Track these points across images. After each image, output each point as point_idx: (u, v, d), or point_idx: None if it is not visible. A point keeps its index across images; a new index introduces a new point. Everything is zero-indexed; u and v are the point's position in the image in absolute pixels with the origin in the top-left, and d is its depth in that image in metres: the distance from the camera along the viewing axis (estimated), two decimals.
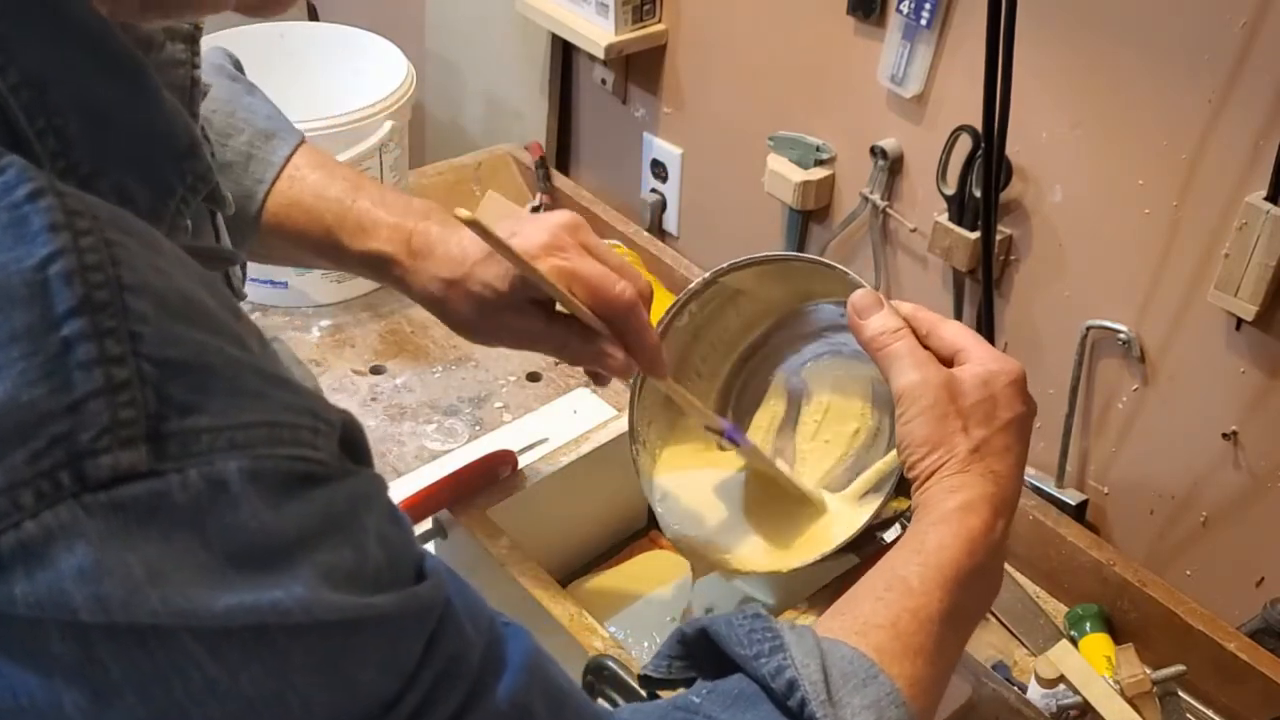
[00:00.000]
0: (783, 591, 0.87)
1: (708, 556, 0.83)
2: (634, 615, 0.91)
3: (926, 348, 0.73)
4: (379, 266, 0.80)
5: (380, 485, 0.49)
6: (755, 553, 0.83)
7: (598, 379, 0.83)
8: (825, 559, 0.78)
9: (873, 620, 0.63)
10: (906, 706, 0.59)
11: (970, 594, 0.66)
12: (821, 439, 0.88)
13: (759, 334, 0.90)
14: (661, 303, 1.34)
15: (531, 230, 0.75)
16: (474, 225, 0.67)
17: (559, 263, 0.74)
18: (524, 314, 0.76)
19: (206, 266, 0.46)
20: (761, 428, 0.89)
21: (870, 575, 0.66)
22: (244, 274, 0.89)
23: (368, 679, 0.43)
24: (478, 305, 0.77)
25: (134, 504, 0.38)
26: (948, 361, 0.73)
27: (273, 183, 0.81)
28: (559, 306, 0.75)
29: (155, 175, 0.49)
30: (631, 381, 0.85)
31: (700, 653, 0.62)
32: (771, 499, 0.85)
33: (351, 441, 0.48)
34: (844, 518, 0.82)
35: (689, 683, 0.62)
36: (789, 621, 0.61)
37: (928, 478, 0.69)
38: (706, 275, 0.86)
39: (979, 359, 0.72)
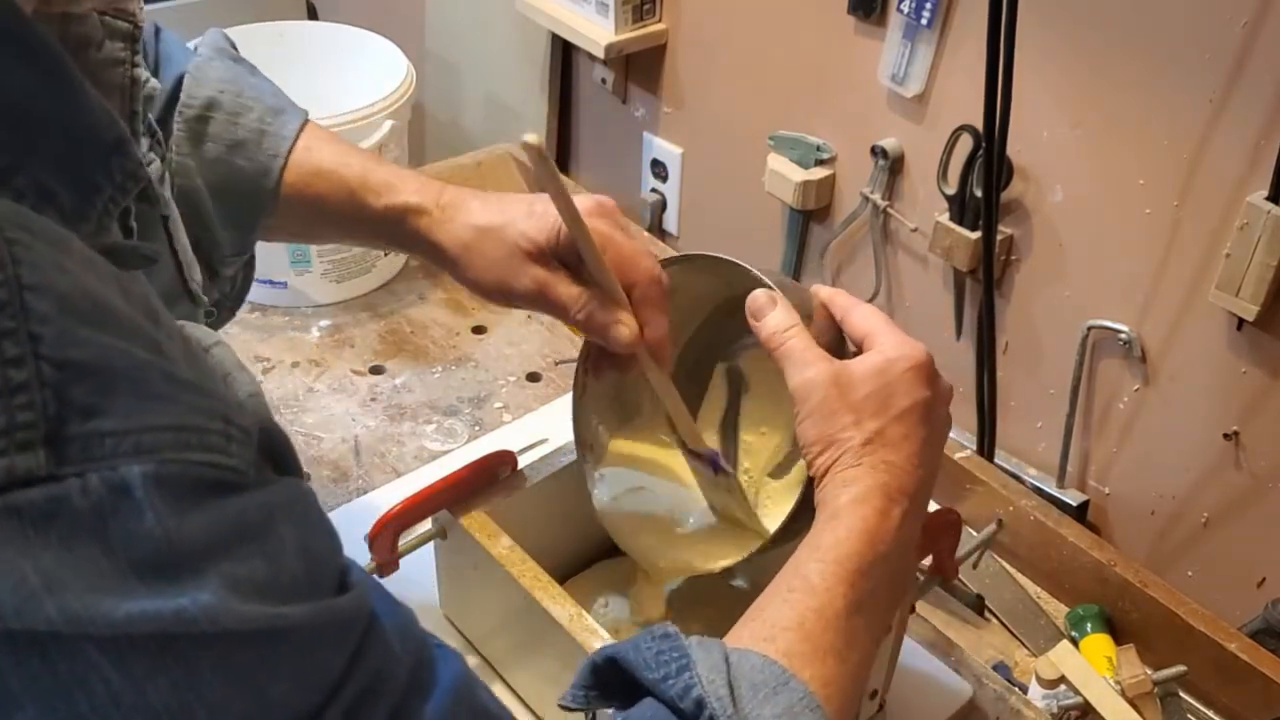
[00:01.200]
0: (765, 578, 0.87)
1: (643, 562, 0.85)
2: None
3: (843, 334, 0.74)
4: (402, 220, 0.81)
5: (303, 495, 0.48)
6: (688, 553, 0.84)
7: (597, 368, 0.82)
8: (757, 553, 0.79)
9: (779, 623, 0.63)
10: (821, 709, 0.59)
11: (876, 584, 0.66)
12: (760, 429, 0.88)
13: (695, 329, 0.89)
14: None
15: (578, 197, 0.76)
16: (535, 150, 0.67)
17: (599, 225, 0.75)
18: (552, 270, 0.77)
19: (124, 266, 0.45)
20: (711, 424, 0.89)
21: (779, 576, 0.66)
22: (243, 282, 0.90)
23: (282, 692, 0.43)
24: (510, 255, 0.77)
25: (30, 509, 0.37)
26: (860, 347, 0.73)
27: (287, 156, 0.82)
28: (587, 270, 0.76)
29: (79, 173, 0.47)
30: (574, 385, 0.85)
31: (613, 681, 0.61)
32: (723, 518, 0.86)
33: (274, 449, 0.47)
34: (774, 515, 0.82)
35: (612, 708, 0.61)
36: (698, 636, 0.61)
37: (824, 474, 0.69)
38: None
39: (880, 346, 0.72)
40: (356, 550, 0.85)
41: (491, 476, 0.86)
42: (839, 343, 0.76)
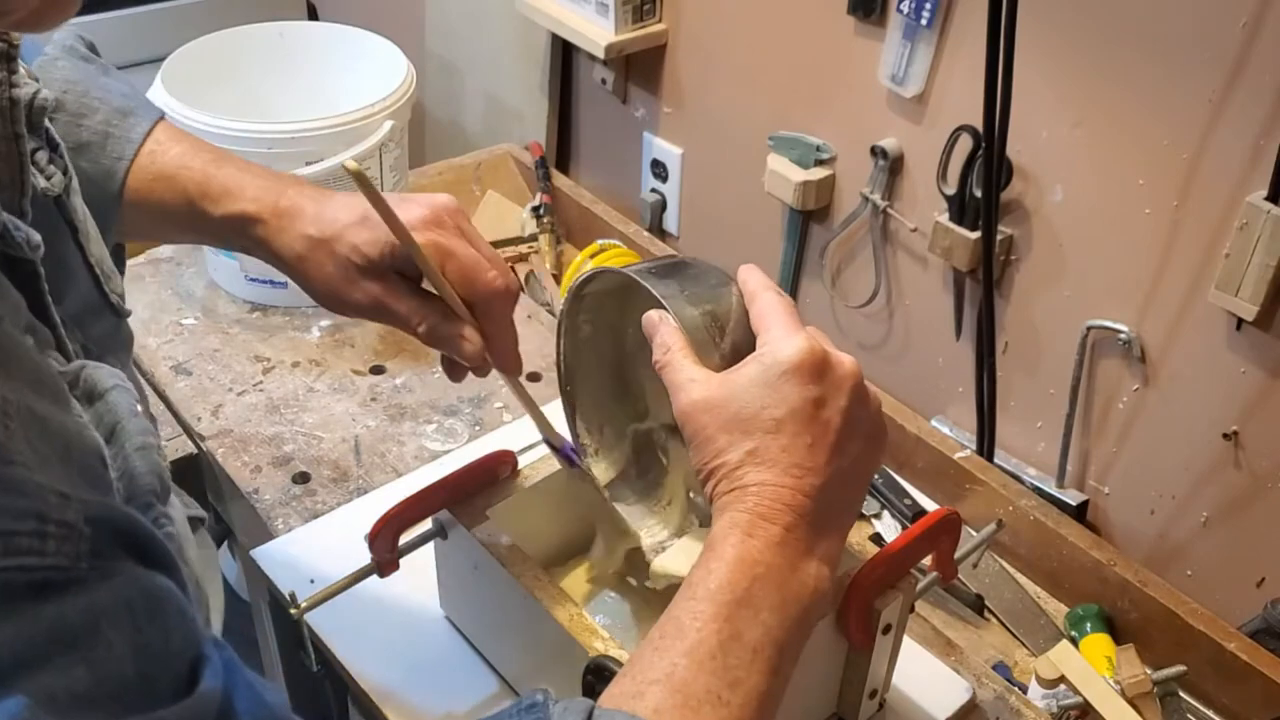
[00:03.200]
0: None
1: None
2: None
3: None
4: (240, 228, 0.78)
5: (152, 589, 0.45)
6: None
7: (453, 371, 0.80)
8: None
9: (648, 676, 0.59)
10: None
11: (758, 611, 0.62)
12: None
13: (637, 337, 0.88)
14: None
15: (412, 205, 0.74)
16: (359, 177, 0.65)
17: (435, 238, 0.73)
18: (388, 284, 0.75)
19: None
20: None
21: (657, 623, 0.63)
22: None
23: None
24: (342, 268, 0.75)
25: None
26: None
27: (132, 159, 0.79)
28: (425, 284, 0.74)
29: None
30: (563, 405, 0.85)
31: None
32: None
33: (129, 537, 0.45)
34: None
35: None
36: (568, 701, 0.59)
37: (712, 503, 0.66)
38: (571, 289, 0.82)
39: (759, 350, 0.67)
40: (356, 550, 0.85)
41: (491, 476, 0.86)
42: (752, 335, 0.72)
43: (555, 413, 0.85)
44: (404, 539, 0.85)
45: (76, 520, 0.42)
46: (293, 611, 0.82)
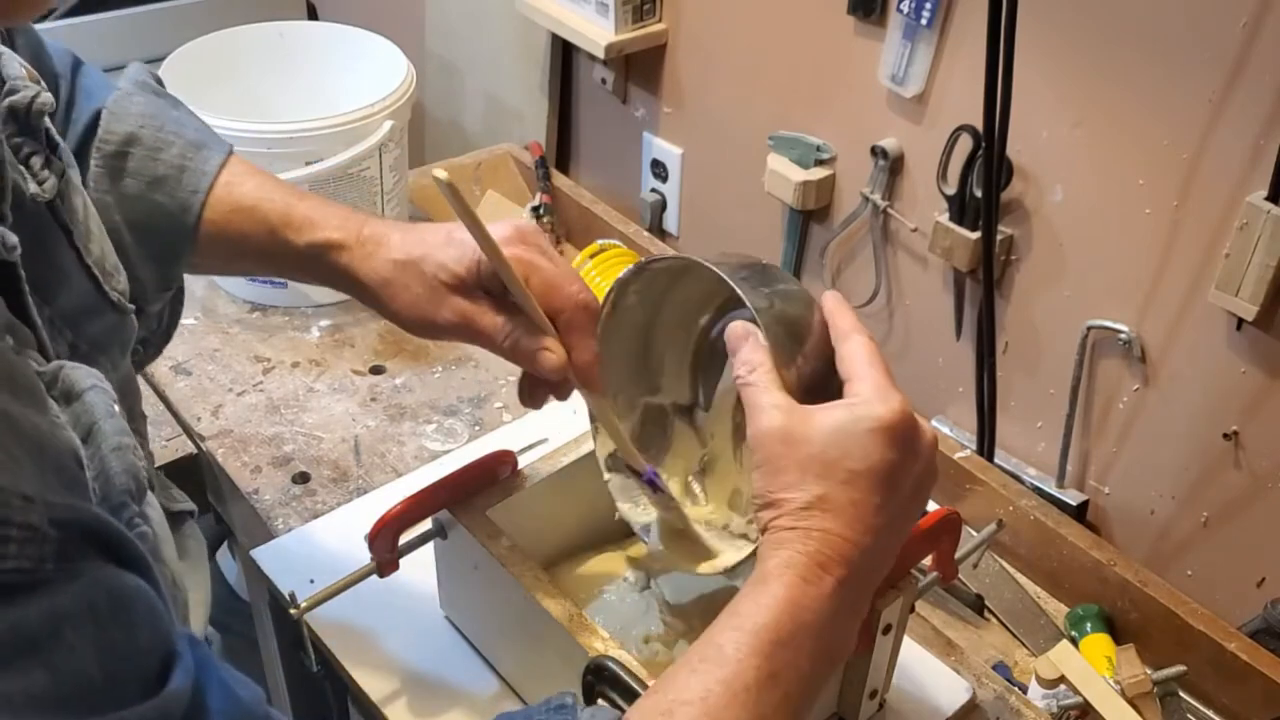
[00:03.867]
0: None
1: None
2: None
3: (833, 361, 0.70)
4: (324, 257, 0.79)
5: (118, 587, 0.45)
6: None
7: (533, 396, 0.81)
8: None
9: (682, 696, 0.60)
10: None
11: (798, 655, 0.62)
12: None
13: (711, 314, 0.87)
14: None
15: (495, 224, 0.75)
16: (448, 187, 0.66)
17: (519, 253, 0.74)
18: (476, 301, 0.76)
19: None
20: (725, 419, 0.88)
21: (696, 643, 0.64)
22: (170, 318, 0.87)
23: None
24: (430, 289, 0.76)
25: None
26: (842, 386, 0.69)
27: (208, 192, 0.80)
28: (511, 297, 0.75)
29: None
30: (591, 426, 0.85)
31: None
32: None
33: (95, 538, 0.44)
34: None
35: None
36: (595, 709, 0.59)
37: (764, 531, 0.66)
38: (640, 263, 0.82)
39: (850, 397, 0.67)
40: (356, 550, 0.85)
41: (491, 476, 0.86)
42: (829, 366, 0.71)
43: (581, 402, 0.84)
44: (404, 539, 0.85)
45: (41, 523, 0.42)
46: (293, 611, 0.82)
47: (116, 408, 0.56)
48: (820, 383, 0.70)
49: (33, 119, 0.64)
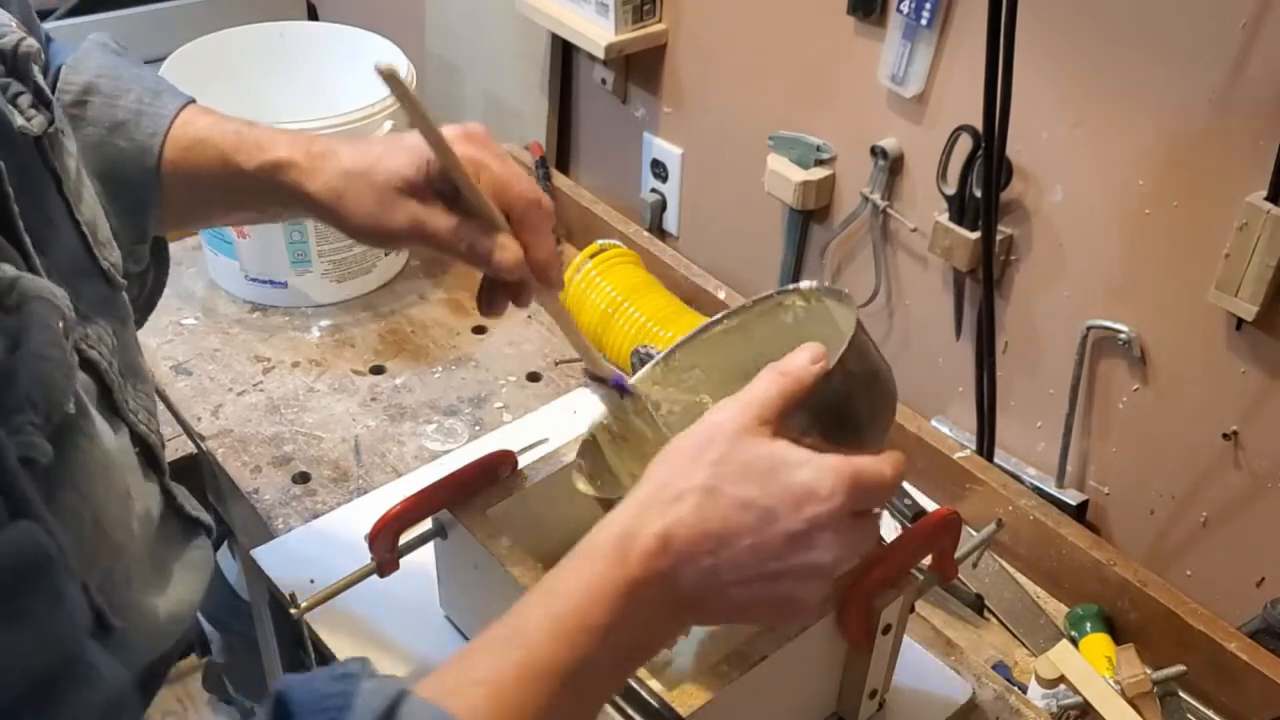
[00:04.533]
0: None
1: None
2: None
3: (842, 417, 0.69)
4: (274, 178, 0.79)
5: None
6: None
7: (491, 303, 0.80)
8: None
9: (473, 675, 0.59)
10: None
11: (606, 648, 0.60)
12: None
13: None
14: (663, 306, 1.34)
15: (445, 126, 0.74)
16: (391, 78, 0.65)
17: (469, 151, 0.74)
18: (427, 204, 0.75)
19: None
20: None
21: (506, 615, 0.62)
22: (153, 284, 0.87)
23: None
24: (381, 195, 0.76)
25: None
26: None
27: (166, 133, 0.81)
28: (463, 199, 0.74)
29: None
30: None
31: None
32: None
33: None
34: None
35: None
36: (380, 680, 0.58)
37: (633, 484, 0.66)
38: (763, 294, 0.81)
39: (814, 459, 0.64)
40: (356, 550, 0.85)
41: (491, 476, 0.86)
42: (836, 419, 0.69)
43: (581, 402, 0.84)
44: (404, 539, 0.85)
45: None
46: (293, 611, 0.82)
47: (61, 324, 0.55)
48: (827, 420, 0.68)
49: (19, 62, 0.64)
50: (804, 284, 0.81)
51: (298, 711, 0.56)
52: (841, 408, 0.69)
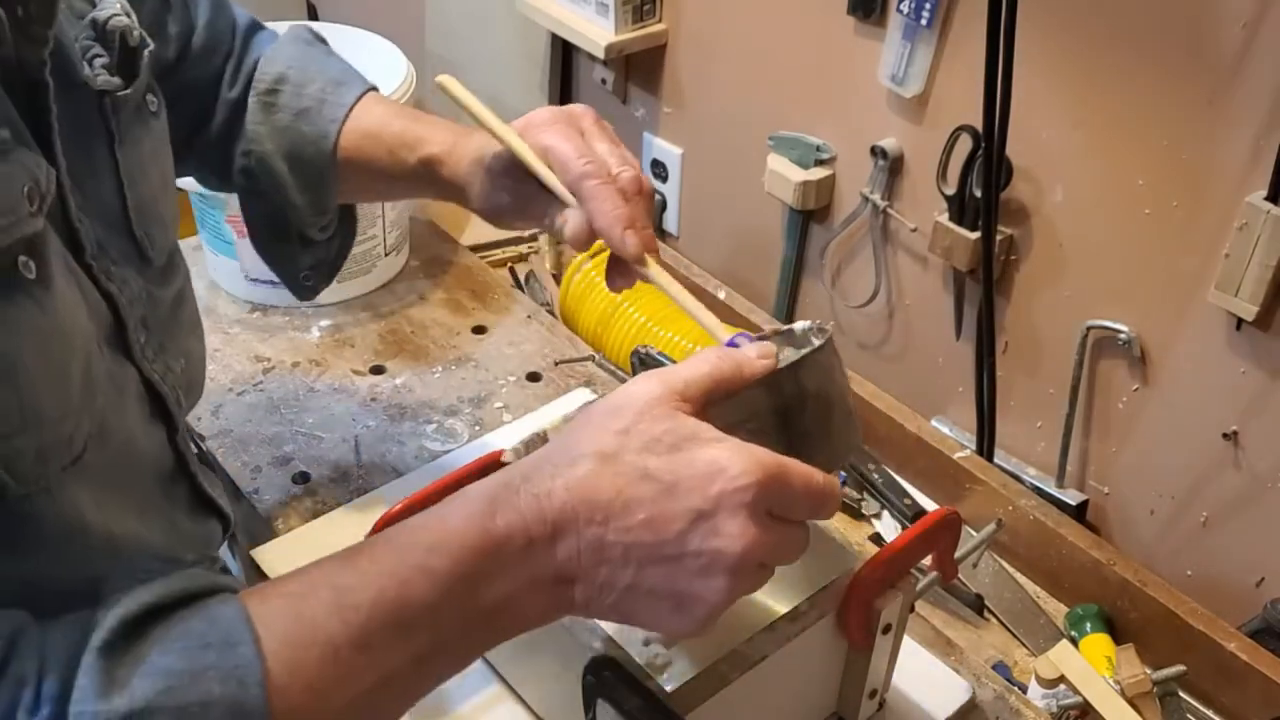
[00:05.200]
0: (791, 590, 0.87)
1: None
2: None
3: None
4: (430, 169, 0.87)
5: None
6: None
7: (610, 278, 0.79)
8: None
9: (288, 587, 0.56)
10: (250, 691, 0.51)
11: (446, 599, 0.56)
12: None
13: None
14: (664, 306, 1.34)
15: (544, 111, 0.81)
16: (445, 89, 0.74)
17: (538, 134, 0.78)
18: (518, 181, 0.81)
19: None
20: None
21: (384, 534, 0.59)
22: (340, 248, 0.99)
23: None
24: (492, 179, 0.83)
25: None
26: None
27: (343, 121, 0.89)
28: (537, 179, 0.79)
29: None
30: None
31: None
32: None
33: None
34: None
35: None
36: (214, 575, 0.57)
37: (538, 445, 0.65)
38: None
39: (736, 445, 0.59)
40: None
41: None
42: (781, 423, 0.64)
43: (581, 402, 0.84)
44: None
45: None
46: None
47: (26, 187, 0.57)
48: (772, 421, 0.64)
49: (108, 34, 0.70)
50: (797, 325, 0.75)
51: (117, 574, 0.56)
52: (786, 416, 0.64)
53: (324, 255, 0.98)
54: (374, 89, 0.93)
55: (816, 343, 0.68)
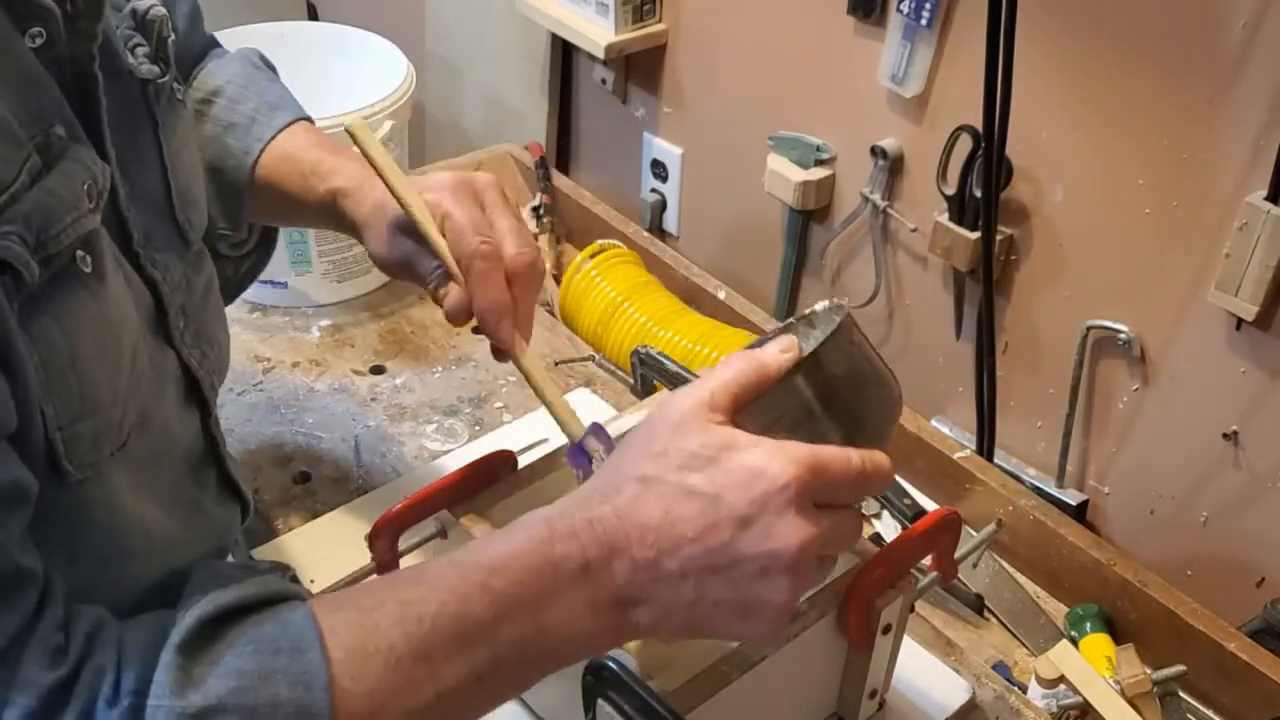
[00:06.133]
0: None
1: None
2: None
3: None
4: (334, 203, 0.86)
5: None
6: None
7: (494, 352, 0.81)
8: None
9: (356, 599, 0.58)
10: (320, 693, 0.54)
11: (507, 620, 0.58)
12: None
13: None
14: (664, 306, 1.34)
15: (444, 175, 0.80)
16: (351, 134, 0.74)
17: (439, 199, 0.78)
18: (411, 238, 0.80)
19: None
20: None
21: (449, 556, 0.61)
22: (248, 272, 0.96)
23: None
24: (389, 231, 0.82)
25: None
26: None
27: (268, 141, 0.89)
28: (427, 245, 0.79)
29: None
30: None
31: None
32: None
33: None
34: None
35: None
36: (285, 581, 0.59)
37: (588, 464, 0.67)
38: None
39: (768, 448, 0.60)
40: (356, 550, 0.85)
41: (491, 476, 0.86)
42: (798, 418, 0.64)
43: (581, 402, 0.84)
44: (404, 539, 0.85)
45: None
46: None
47: (86, 185, 0.59)
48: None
49: (146, 24, 0.72)
50: (818, 306, 0.75)
51: (196, 577, 0.60)
52: (824, 403, 0.65)
53: (230, 273, 0.95)
54: (308, 119, 0.92)
55: (837, 320, 0.68)
